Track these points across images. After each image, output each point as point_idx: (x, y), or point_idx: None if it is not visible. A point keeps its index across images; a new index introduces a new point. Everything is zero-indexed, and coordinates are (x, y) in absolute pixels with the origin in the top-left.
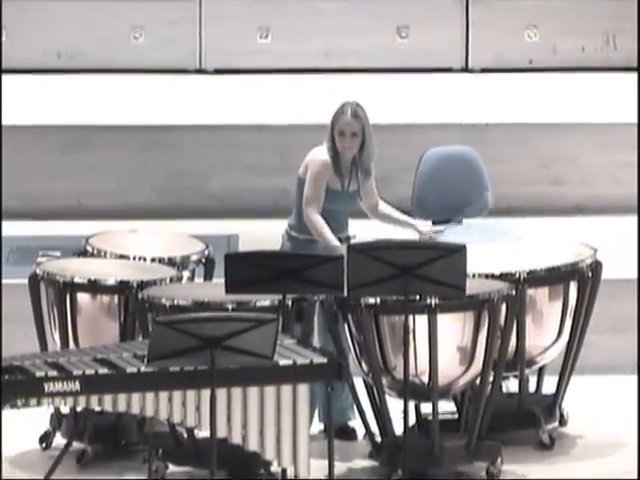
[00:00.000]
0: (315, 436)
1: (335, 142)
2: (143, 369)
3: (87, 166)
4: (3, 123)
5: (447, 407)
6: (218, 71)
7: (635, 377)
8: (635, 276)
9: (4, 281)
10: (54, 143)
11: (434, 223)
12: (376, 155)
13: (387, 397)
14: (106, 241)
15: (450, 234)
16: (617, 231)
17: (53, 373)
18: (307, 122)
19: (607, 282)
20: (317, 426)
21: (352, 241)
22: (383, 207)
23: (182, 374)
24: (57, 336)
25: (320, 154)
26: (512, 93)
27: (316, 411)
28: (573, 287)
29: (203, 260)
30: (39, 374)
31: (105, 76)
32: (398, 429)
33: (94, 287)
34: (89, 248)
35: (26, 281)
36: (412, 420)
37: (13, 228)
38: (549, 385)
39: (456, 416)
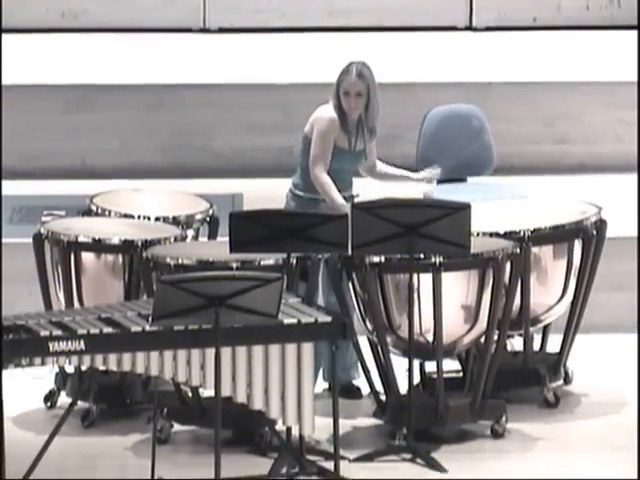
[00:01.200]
0: (319, 394)
1: (340, 101)
2: (148, 328)
3: (90, 125)
4: (6, 82)
5: (452, 365)
6: (222, 30)
7: (636, 335)
8: (636, 234)
9: (8, 240)
10: (57, 102)
11: (438, 182)
12: (381, 114)
13: (392, 356)
14: (110, 200)
15: (454, 193)
16: (621, 189)
17: (57, 332)
18: (311, 81)
19: (611, 240)
20: (321, 384)
21: (355, 200)
22: (380, 166)
23: (186, 333)
24: (61, 295)
25: (327, 112)
26: (516, 51)
27: (320, 370)
28: (577, 245)
29: (207, 219)
30: (43, 333)
31: (108, 35)
32: (403, 388)
33: (98, 246)
34: (93, 207)
35: (30, 240)
36: (417, 379)
37: (17, 187)
38: (554, 343)
39: (461, 374)
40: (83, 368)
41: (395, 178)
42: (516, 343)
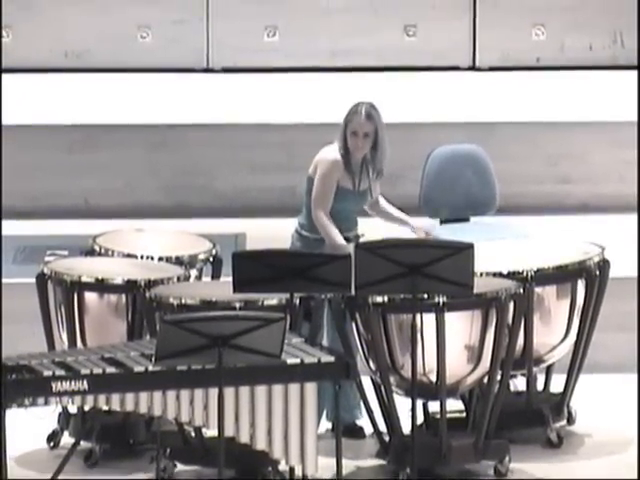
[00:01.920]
0: (323, 435)
1: (347, 141)
2: (151, 368)
3: (94, 165)
4: (10, 122)
5: (455, 405)
6: (226, 70)
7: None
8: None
9: (12, 280)
10: (61, 142)
11: (442, 222)
12: (388, 156)
13: (395, 396)
14: (113, 240)
15: (457, 232)
16: (624, 230)
17: (61, 372)
18: (314, 121)
19: (614, 280)
20: (325, 425)
21: (360, 239)
22: (383, 203)
23: (190, 373)
24: (64, 335)
25: (330, 153)
26: (519, 91)
27: (324, 410)
28: (581, 285)
29: (210, 259)
30: (46, 373)
31: (112, 75)
32: (406, 428)
33: (101, 286)
34: (96, 247)
35: (33, 280)
36: (420, 419)
37: (20, 227)
38: (557, 383)
39: (464, 415)
40: (86, 408)
41: (394, 220)
42: (519, 383)
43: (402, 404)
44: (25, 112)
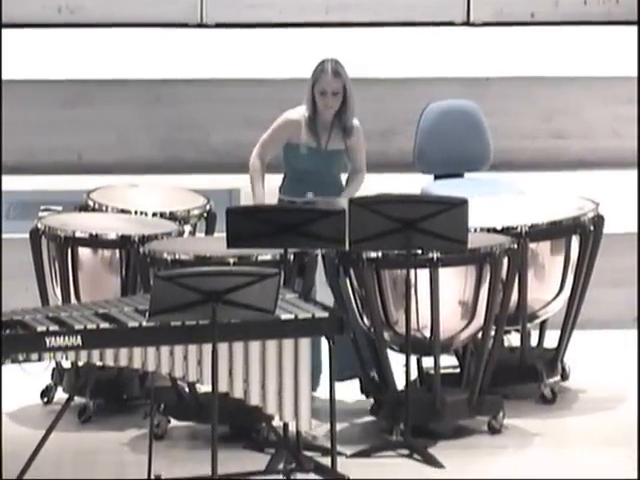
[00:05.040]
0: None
1: (315, 100)
2: (144, 323)
3: (87, 121)
4: (3, 78)
5: (449, 361)
6: (219, 25)
7: (635, 331)
8: (635, 230)
9: (5, 235)
10: (54, 98)
11: (435, 178)
12: (356, 112)
13: (389, 351)
14: (107, 196)
15: (451, 188)
16: (618, 185)
17: (54, 327)
18: (307, 76)
19: (608, 236)
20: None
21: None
22: (352, 182)
23: (184, 328)
24: (58, 291)
25: (290, 112)
26: (513, 47)
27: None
28: (575, 241)
29: (204, 214)
30: (40, 328)
31: (105, 30)
32: (400, 383)
33: (95, 241)
34: (90, 203)
35: (27, 236)
36: (414, 374)
37: (14, 183)
38: (551, 339)
39: (458, 370)
40: (80, 363)
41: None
42: (513, 339)
43: (396, 360)
44: (18, 68)
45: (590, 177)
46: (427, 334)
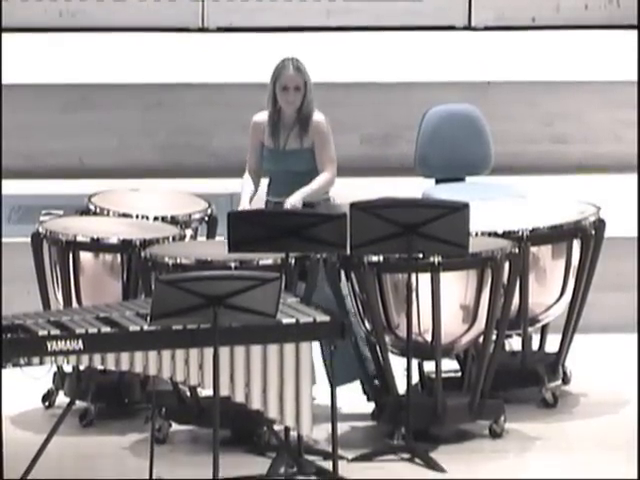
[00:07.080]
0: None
1: (277, 98)
2: (146, 327)
3: (89, 125)
4: (5, 82)
5: (450, 365)
6: (220, 29)
7: (636, 335)
8: (636, 234)
9: (7, 240)
10: (55, 102)
11: (437, 182)
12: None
13: (390, 355)
14: (108, 200)
15: (452, 192)
16: (619, 189)
17: (56, 332)
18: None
19: (609, 240)
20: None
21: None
22: (317, 178)
23: (185, 332)
24: (60, 295)
25: (257, 115)
26: (515, 51)
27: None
28: (576, 245)
29: (206, 219)
30: (42, 333)
31: (107, 35)
32: (401, 387)
33: (97, 246)
34: (91, 207)
35: (29, 240)
36: (415, 378)
37: (15, 187)
38: (552, 343)
39: (459, 374)
40: (81, 367)
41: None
42: (514, 343)
43: (397, 364)
44: (20, 71)
45: (591, 181)
46: (428, 338)
